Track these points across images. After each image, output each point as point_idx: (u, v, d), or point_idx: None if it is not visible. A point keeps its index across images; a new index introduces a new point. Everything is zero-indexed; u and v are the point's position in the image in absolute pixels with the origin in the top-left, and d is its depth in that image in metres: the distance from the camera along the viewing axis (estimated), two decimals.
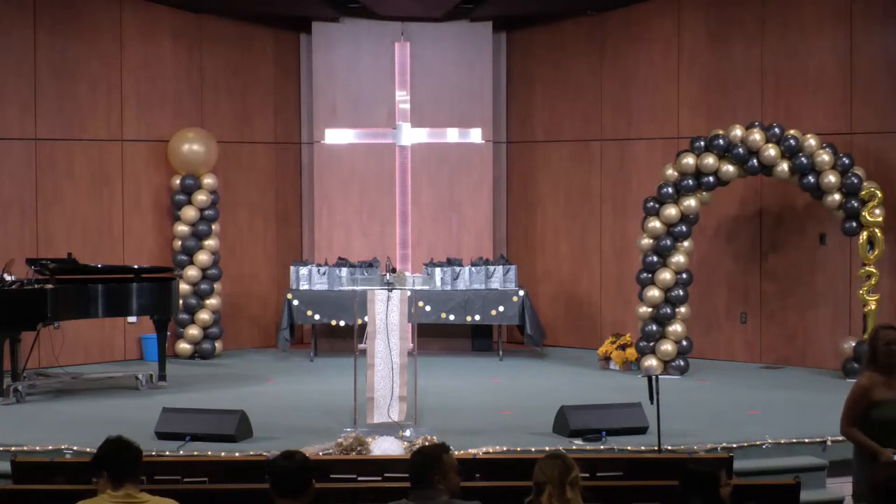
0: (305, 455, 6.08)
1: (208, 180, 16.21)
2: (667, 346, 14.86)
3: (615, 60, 16.78)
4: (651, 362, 14.74)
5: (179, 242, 16.23)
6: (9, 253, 14.32)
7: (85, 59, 15.81)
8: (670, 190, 14.81)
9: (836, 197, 14.34)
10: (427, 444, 8.60)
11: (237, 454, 10.45)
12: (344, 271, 16.18)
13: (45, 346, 14.45)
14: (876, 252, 14.24)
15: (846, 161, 14.32)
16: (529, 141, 17.58)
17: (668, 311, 14.87)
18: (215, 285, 16.36)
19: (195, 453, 10.44)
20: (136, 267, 14.38)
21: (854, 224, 14.33)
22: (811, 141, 14.37)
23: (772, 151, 14.39)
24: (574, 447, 10.66)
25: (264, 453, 10.21)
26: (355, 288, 12.55)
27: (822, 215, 14.96)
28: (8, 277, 13.37)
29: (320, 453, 10.20)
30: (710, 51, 16.03)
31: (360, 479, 9.03)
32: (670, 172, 14.84)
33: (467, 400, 13.46)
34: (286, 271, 16.73)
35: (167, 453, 10.41)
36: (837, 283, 15.17)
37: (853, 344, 14.45)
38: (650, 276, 14.95)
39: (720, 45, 15.96)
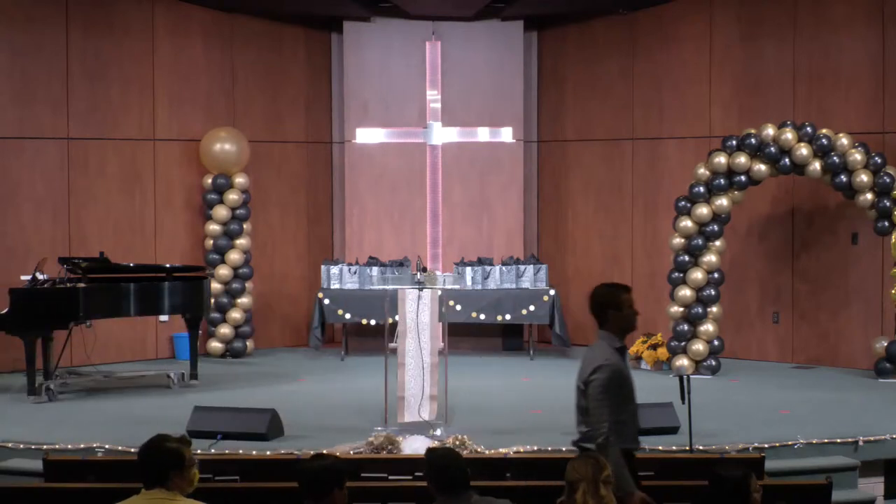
0: (337, 457, 6.01)
1: (240, 179, 16.25)
2: (698, 346, 14.82)
3: (646, 59, 16.73)
4: (682, 362, 14.70)
5: (211, 241, 16.28)
6: (41, 252, 14.39)
7: (117, 59, 15.87)
8: (702, 189, 14.77)
9: (869, 196, 14.28)
10: (445, 446, 8.63)
11: (268, 453, 10.47)
12: (375, 270, 16.20)
13: (77, 344, 14.48)
14: None
15: (878, 160, 14.26)
16: (560, 140, 17.55)
17: (700, 310, 14.83)
18: (247, 284, 16.41)
19: (227, 452, 10.47)
20: (167, 266, 14.42)
21: (886, 223, 14.26)
22: (843, 140, 14.31)
23: (804, 150, 14.33)
24: None
25: (295, 452, 10.24)
26: (386, 287, 12.56)
27: (854, 214, 14.89)
28: (40, 276, 13.44)
29: (351, 452, 10.22)
30: (742, 50, 15.97)
31: (390, 478, 9.06)
32: (702, 172, 14.80)
33: (498, 399, 13.45)
34: (317, 270, 16.76)
35: (199, 452, 10.39)
36: (870, 283, 15.10)
37: (885, 344, 14.38)
38: (682, 275, 14.91)
39: (752, 45, 15.90)
